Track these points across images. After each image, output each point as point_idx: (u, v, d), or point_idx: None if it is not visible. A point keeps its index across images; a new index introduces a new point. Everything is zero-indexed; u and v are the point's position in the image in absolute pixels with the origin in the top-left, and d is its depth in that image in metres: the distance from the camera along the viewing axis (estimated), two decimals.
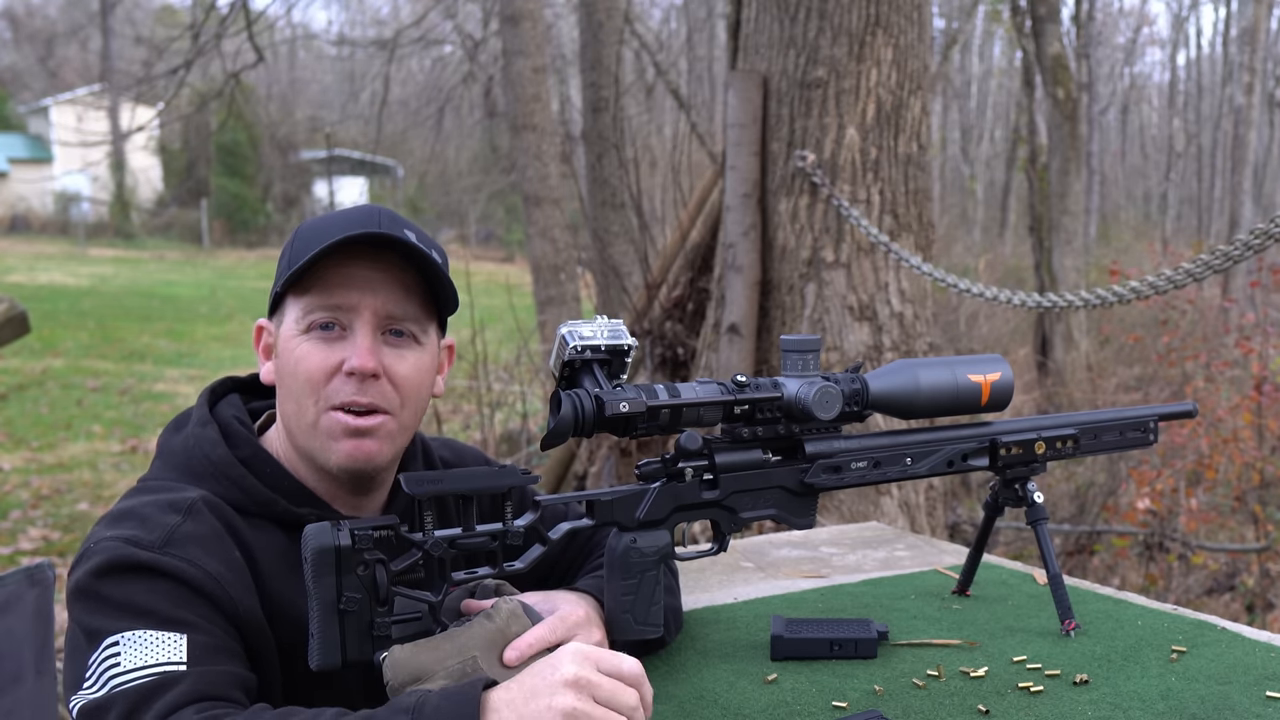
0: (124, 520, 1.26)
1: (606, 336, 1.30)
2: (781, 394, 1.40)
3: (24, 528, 6.40)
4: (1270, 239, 2.54)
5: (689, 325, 4.89)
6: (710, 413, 1.36)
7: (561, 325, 1.31)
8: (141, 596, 1.19)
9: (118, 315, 15.99)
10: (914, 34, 4.05)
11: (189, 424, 1.41)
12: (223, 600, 1.23)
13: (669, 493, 1.38)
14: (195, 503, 1.29)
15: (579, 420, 1.26)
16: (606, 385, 1.29)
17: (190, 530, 1.25)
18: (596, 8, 8.74)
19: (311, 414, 1.34)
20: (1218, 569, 5.73)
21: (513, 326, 7.33)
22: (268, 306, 1.41)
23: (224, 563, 1.26)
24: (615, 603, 1.36)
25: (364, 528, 1.19)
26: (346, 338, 1.33)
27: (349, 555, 1.17)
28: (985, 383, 1.52)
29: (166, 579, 1.20)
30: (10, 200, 32.82)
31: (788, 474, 1.45)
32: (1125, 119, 34.20)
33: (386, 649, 1.19)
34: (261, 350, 1.43)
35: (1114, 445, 1.68)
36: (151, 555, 1.21)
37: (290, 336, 1.34)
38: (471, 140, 28.31)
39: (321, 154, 26.77)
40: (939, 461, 1.53)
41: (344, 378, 1.32)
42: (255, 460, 1.37)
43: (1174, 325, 8.79)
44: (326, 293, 1.32)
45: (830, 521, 3.75)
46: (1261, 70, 18.24)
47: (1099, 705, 1.32)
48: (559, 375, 1.31)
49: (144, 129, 13.07)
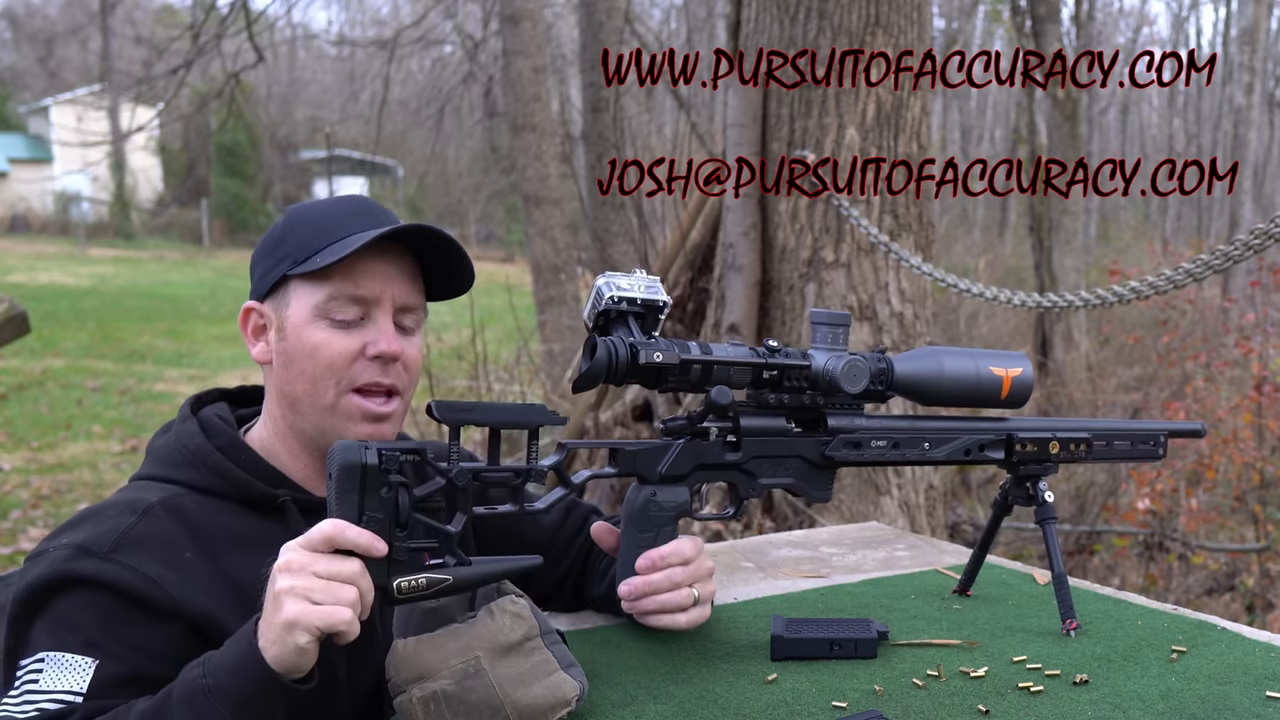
0: (84, 522, 1.32)
1: (643, 291, 1.32)
2: (810, 364, 1.41)
3: (24, 528, 6.40)
4: (1270, 239, 2.54)
5: (689, 325, 4.89)
6: (740, 374, 1.38)
7: (599, 276, 1.34)
8: (75, 613, 1.24)
9: (118, 315, 16.00)
10: (914, 34, 4.05)
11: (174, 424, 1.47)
12: (163, 603, 1.27)
13: (692, 450, 1.40)
14: (153, 506, 1.34)
15: (613, 366, 1.28)
16: (640, 336, 1.30)
17: (141, 532, 1.30)
18: (596, 8, 8.74)
19: (330, 396, 1.39)
20: (1218, 569, 5.73)
21: (513, 326, 7.33)
22: (260, 289, 1.45)
23: (170, 565, 1.29)
24: (630, 554, 1.38)
25: (391, 449, 1.18)
26: (365, 324, 1.40)
27: (374, 474, 1.17)
28: (1007, 377, 1.53)
29: (105, 592, 1.25)
30: (10, 200, 32.82)
31: (809, 445, 1.46)
32: (1125, 119, 34.20)
33: (403, 574, 1.18)
34: (251, 332, 1.46)
35: (1124, 455, 1.70)
36: (93, 566, 1.25)
37: (306, 320, 1.39)
38: (471, 140, 28.32)
39: (321, 154, 26.76)
40: (957, 449, 1.54)
41: (366, 361, 1.39)
42: (231, 449, 1.41)
43: (1174, 325, 8.79)
44: (351, 283, 1.38)
45: (830, 521, 3.75)
46: (1261, 70, 18.24)
47: (1099, 705, 1.32)
48: (593, 325, 1.33)
49: (144, 129, 13.06)
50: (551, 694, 1.23)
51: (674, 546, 1.40)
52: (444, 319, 7.75)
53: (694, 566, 1.42)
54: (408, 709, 1.19)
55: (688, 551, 1.41)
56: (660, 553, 1.39)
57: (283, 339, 1.41)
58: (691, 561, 1.41)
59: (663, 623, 1.41)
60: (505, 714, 1.20)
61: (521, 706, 1.21)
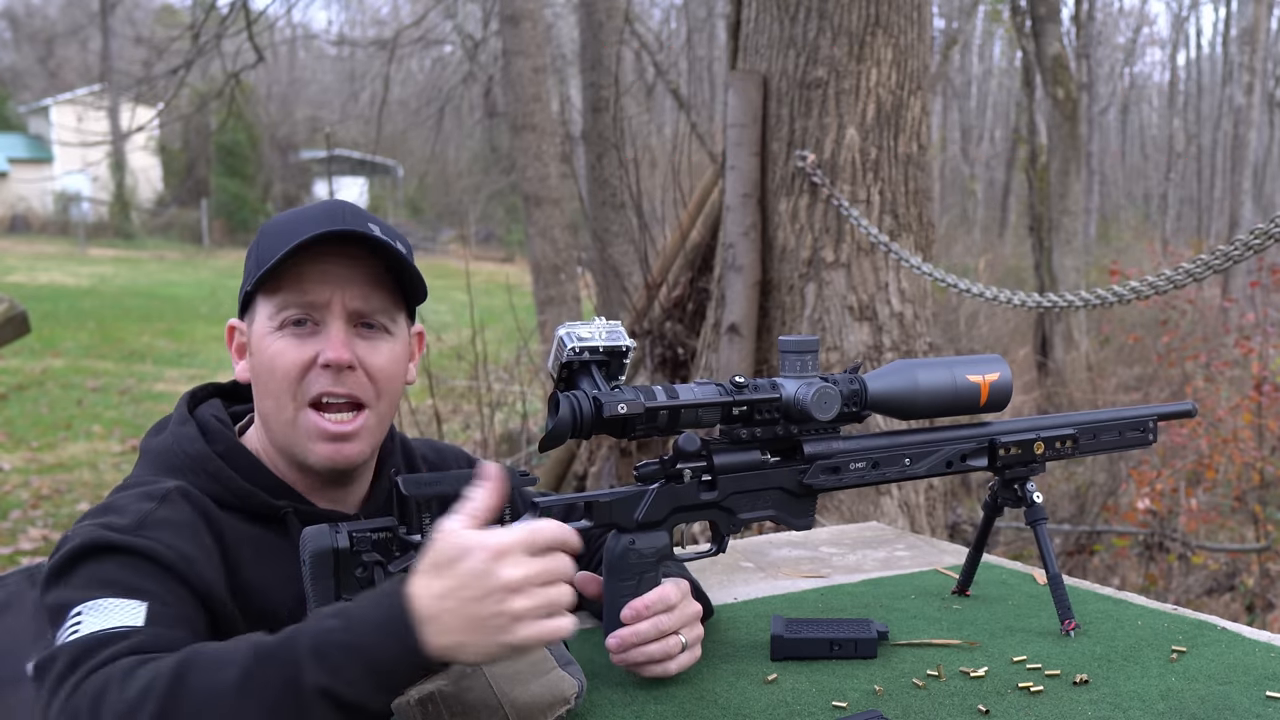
0: (101, 514, 1.29)
1: (604, 338, 1.30)
2: (780, 395, 1.40)
3: (24, 528, 6.40)
4: (1270, 239, 2.54)
5: (689, 325, 4.89)
6: (708, 414, 1.36)
7: (559, 327, 1.31)
8: (110, 571, 1.20)
9: (118, 315, 16.00)
10: (914, 34, 4.05)
11: (169, 425, 1.44)
12: (191, 578, 1.23)
13: (667, 494, 1.38)
14: (171, 491, 1.31)
15: (577, 422, 1.26)
16: (605, 386, 1.29)
17: (163, 515, 1.27)
18: (596, 8, 8.74)
19: (290, 410, 1.36)
20: (1218, 569, 5.73)
21: (513, 326, 7.32)
22: (239, 306, 1.44)
23: (195, 546, 1.27)
24: (614, 604, 1.36)
25: (362, 530, 1.19)
26: (319, 333, 1.36)
27: (347, 558, 1.18)
28: (984, 383, 1.52)
29: (135, 556, 1.21)
30: (10, 200, 32.81)
31: (786, 475, 1.44)
32: (1125, 119, 34.21)
33: None
34: (235, 350, 1.46)
35: (1113, 445, 1.68)
36: (123, 537, 1.22)
37: (264, 335, 1.37)
38: (471, 140, 28.32)
39: (321, 154, 26.77)
40: (938, 462, 1.52)
41: (319, 370, 1.35)
42: (232, 455, 1.39)
43: (1174, 325, 8.79)
44: (298, 290, 1.35)
45: (830, 521, 3.75)
46: (1261, 70, 18.23)
47: (1099, 705, 1.32)
48: (557, 377, 1.31)
49: (144, 129, 13.05)
50: (550, 692, 1.23)
51: (659, 594, 1.35)
52: (444, 319, 7.75)
53: (679, 612, 1.37)
54: (405, 710, 1.19)
55: (672, 597, 1.36)
56: (645, 601, 1.34)
57: (252, 355, 1.39)
58: (676, 607, 1.37)
59: (654, 672, 1.37)
60: (503, 713, 1.20)
61: (520, 705, 1.20)
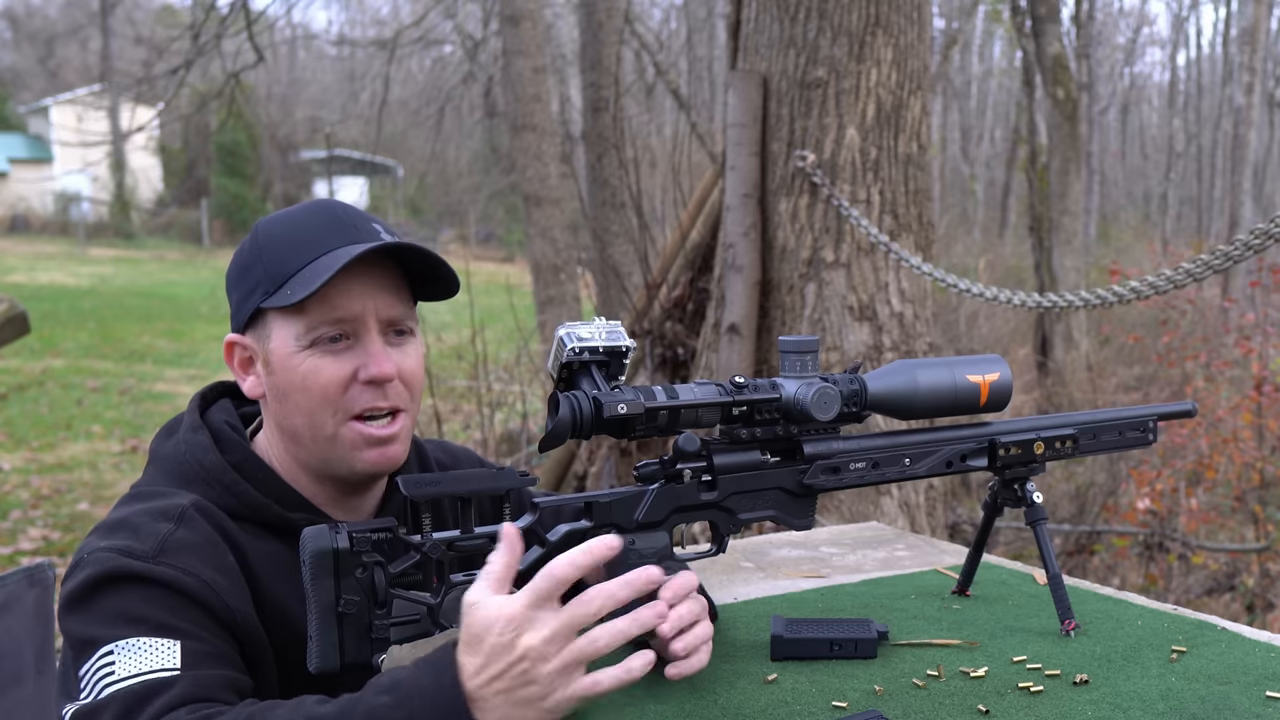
0: (117, 531, 1.26)
1: (604, 338, 1.29)
2: (779, 395, 1.40)
3: (24, 528, 6.40)
4: (1270, 239, 2.54)
5: (689, 325, 4.89)
6: (708, 414, 1.36)
7: (559, 327, 1.31)
8: (135, 606, 1.18)
9: (118, 315, 16.00)
10: (914, 34, 4.05)
11: (180, 430, 1.40)
12: (216, 607, 1.23)
13: (667, 494, 1.37)
14: (187, 509, 1.28)
15: (577, 422, 1.26)
16: (604, 387, 1.28)
17: (183, 537, 1.25)
18: (596, 8, 8.75)
19: (330, 427, 1.34)
20: (1218, 569, 5.73)
21: (513, 326, 7.33)
22: (238, 320, 1.38)
23: (217, 569, 1.25)
24: None
25: (362, 530, 1.19)
26: (354, 346, 1.34)
27: (347, 558, 1.17)
28: (984, 383, 1.52)
29: (160, 587, 1.20)
30: (10, 200, 32.82)
31: (786, 475, 1.44)
32: (1125, 119, 34.22)
33: (385, 652, 1.19)
34: (238, 365, 1.40)
35: (1113, 445, 1.67)
36: (145, 565, 1.20)
37: (290, 353, 1.33)
38: (471, 140, 28.33)
39: (321, 154, 26.76)
40: (938, 462, 1.52)
41: (361, 386, 1.34)
42: (247, 466, 1.37)
43: (1174, 325, 8.79)
44: (327, 306, 1.32)
45: (830, 521, 3.75)
46: (1261, 70, 18.24)
47: (1099, 705, 1.32)
48: (557, 377, 1.31)
49: (144, 129, 13.07)
50: None
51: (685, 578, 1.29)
52: (444, 319, 7.76)
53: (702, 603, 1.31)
54: None
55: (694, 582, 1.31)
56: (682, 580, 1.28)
57: (271, 373, 1.35)
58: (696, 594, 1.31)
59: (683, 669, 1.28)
60: None
61: None
